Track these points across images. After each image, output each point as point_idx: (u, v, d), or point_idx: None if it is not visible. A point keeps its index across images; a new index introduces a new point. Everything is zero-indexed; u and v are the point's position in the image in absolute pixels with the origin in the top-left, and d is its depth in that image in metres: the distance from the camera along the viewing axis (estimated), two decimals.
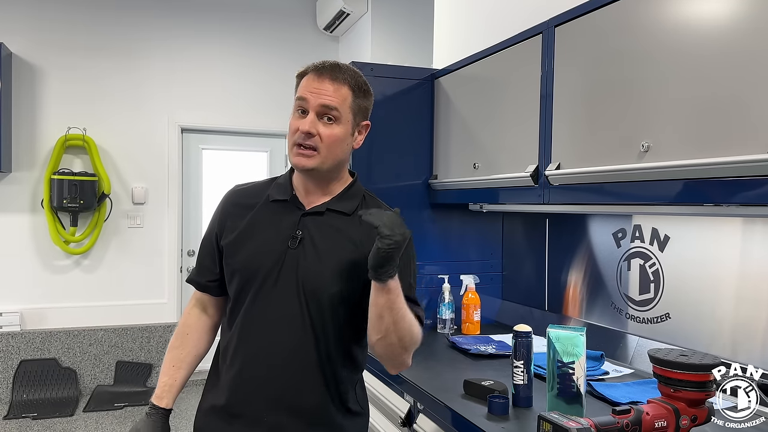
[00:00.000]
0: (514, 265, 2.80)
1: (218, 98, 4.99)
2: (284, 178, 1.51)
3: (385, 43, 4.58)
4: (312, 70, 1.39)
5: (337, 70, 1.38)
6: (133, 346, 4.72)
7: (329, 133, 1.35)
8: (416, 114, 2.69)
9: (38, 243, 4.54)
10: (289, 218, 1.42)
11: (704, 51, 1.42)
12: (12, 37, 4.40)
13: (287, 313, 1.36)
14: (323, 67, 1.38)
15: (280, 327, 1.37)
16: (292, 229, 1.40)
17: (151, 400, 1.47)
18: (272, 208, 1.45)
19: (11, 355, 4.42)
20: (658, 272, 2.00)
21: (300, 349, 1.36)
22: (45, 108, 4.54)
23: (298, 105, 1.38)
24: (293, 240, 1.39)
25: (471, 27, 2.89)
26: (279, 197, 1.45)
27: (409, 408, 1.90)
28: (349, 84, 1.38)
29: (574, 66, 1.85)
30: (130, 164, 4.77)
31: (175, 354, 1.51)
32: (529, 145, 2.03)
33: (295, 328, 1.36)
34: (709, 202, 1.48)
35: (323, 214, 1.42)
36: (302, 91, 1.37)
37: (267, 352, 1.37)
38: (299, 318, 1.36)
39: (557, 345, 1.49)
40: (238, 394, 1.39)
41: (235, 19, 5.03)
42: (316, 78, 1.36)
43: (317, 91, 1.35)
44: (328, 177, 1.43)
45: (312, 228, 1.40)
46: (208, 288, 1.52)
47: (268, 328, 1.37)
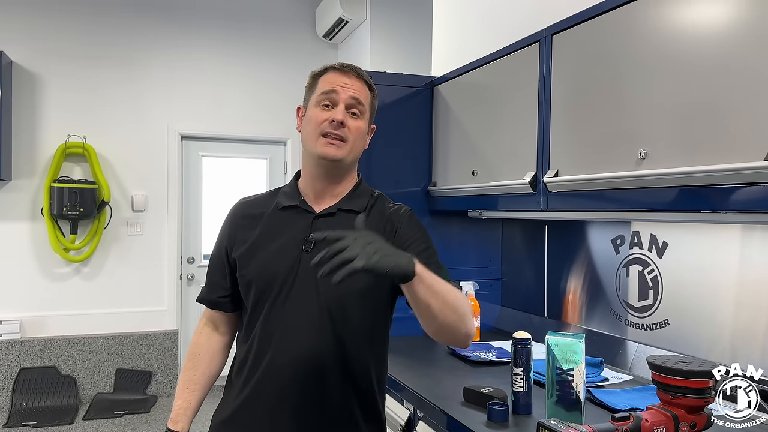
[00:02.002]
0: (513, 272, 2.80)
1: (218, 106, 5.00)
2: (290, 186, 1.51)
3: (383, 50, 4.59)
4: (335, 68, 1.43)
5: (358, 70, 1.44)
6: (132, 353, 4.71)
7: (357, 125, 1.40)
8: (415, 121, 2.70)
9: (38, 251, 4.54)
10: (301, 223, 1.42)
11: (700, 59, 1.43)
12: (12, 46, 4.41)
13: (307, 318, 1.35)
14: (346, 65, 1.43)
15: (301, 332, 1.35)
16: (305, 233, 1.39)
17: (166, 425, 1.46)
18: (281, 215, 1.45)
19: (11, 363, 4.41)
20: (657, 279, 2.01)
21: (322, 353, 1.34)
22: (45, 116, 4.56)
23: (324, 98, 1.39)
24: (307, 244, 1.38)
25: (469, 35, 2.91)
26: (288, 203, 1.45)
27: (409, 415, 1.90)
28: (369, 84, 1.45)
29: (572, 74, 1.86)
30: (130, 172, 4.77)
31: (188, 376, 1.49)
32: (527, 152, 2.04)
33: (316, 332, 1.34)
34: (707, 209, 1.49)
35: (335, 215, 1.42)
36: (331, 85, 1.40)
37: (288, 359, 1.35)
38: (319, 321, 1.34)
39: (556, 352, 1.49)
40: (259, 405, 1.37)
41: (235, 27, 5.05)
42: (341, 74, 1.41)
43: (347, 85, 1.40)
44: (344, 173, 1.45)
45: (325, 230, 1.36)
46: (220, 304, 1.50)
47: (289, 334, 1.35)
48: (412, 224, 1.45)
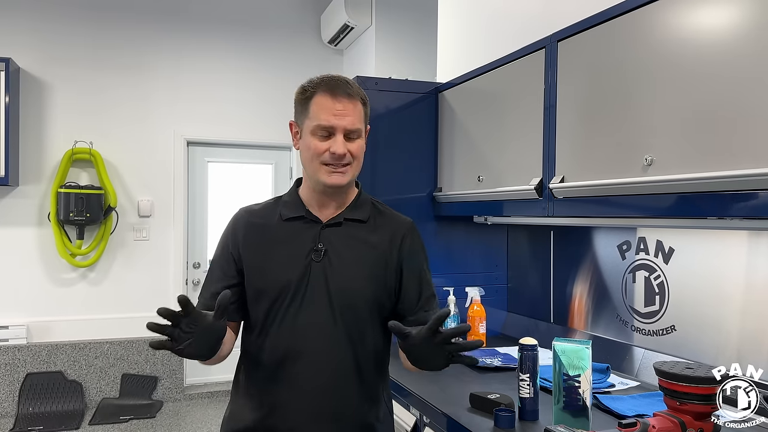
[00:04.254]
0: (519, 278, 2.80)
1: (223, 111, 5.02)
2: (290, 196, 1.51)
3: (388, 56, 4.60)
4: (323, 90, 1.38)
5: (347, 86, 1.39)
6: (138, 358, 4.72)
7: (357, 147, 1.40)
8: (420, 127, 2.71)
9: (45, 256, 4.56)
10: (308, 233, 1.43)
11: (707, 66, 1.43)
12: (20, 53, 4.45)
13: (321, 327, 1.38)
14: (336, 86, 1.38)
15: (316, 340, 1.38)
16: (313, 242, 1.42)
17: None
18: (286, 226, 1.46)
19: (17, 368, 4.42)
20: (663, 284, 2.01)
21: (339, 356, 1.39)
22: (52, 122, 4.58)
23: (321, 128, 1.37)
24: (317, 253, 1.41)
25: (474, 41, 2.92)
26: (292, 215, 1.46)
27: (415, 421, 1.90)
28: (360, 97, 1.41)
29: (577, 80, 1.87)
30: (136, 177, 4.79)
31: None
32: (533, 158, 2.04)
33: (329, 338, 1.38)
34: (714, 215, 1.49)
35: (341, 224, 1.45)
36: (325, 116, 1.36)
37: (308, 364, 1.38)
38: (332, 328, 1.38)
39: (563, 358, 1.49)
40: (278, 411, 1.39)
41: (240, 33, 5.07)
42: (331, 98, 1.37)
43: (341, 113, 1.36)
44: (348, 187, 1.46)
45: (333, 239, 1.43)
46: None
47: (308, 339, 1.38)
48: (418, 243, 1.53)
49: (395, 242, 1.47)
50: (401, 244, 1.48)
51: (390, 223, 1.50)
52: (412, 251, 1.49)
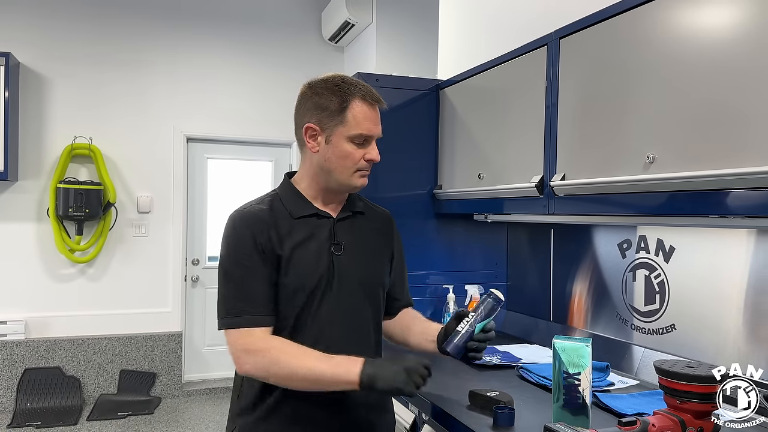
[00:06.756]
0: (518, 276, 2.80)
1: (223, 108, 5.01)
2: (288, 195, 1.50)
3: (389, 53, 4.60)
4: (361, 98, 1.42)
5: (380, 97, 1.47)
6: (137, 354, 4.72)
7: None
8: (421, 124, 2.70)
9: (43, 251, 4.56)
10: (323, 229, 1.48)
11: (709, 63, 1.42)
12: (19, 48, 4.44)
13: (354, 316, 1.48)
14: (370, 94, 1.45)
15: (352, 330, 1.47)
16: (330, 237, 1.48)
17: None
18: (301, 224, 1.46)
19: (15, 364, 4.42)
20: (664, 283, 2.00)
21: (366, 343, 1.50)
22: (51, 117, 4.58)
23: (361, 137, 1.42)
24: (336, 246, 1.47)
25: (476, 38, 2.91)
26: (304, 213, 1.47)
27: (414, 419, 1.90)
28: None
29: (579, 77, 1.86)
30: (136, 173, 4.79)
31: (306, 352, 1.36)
32: (534, 156, 2.03)
33: (361, 328, 1.50)
34: (715, 213, 1.48)
35: (348, 218, 1.53)
36: (367, 125, 1.43)
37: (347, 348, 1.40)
38: (361, 317, 1.49)
39: (563, 356, 1.49)
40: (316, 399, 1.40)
41: (241, 29, 5.06)
42: (369, 107, 1.44)
43: (376, 121, 1.46)
44: None
45: (346, 232, 1.50)
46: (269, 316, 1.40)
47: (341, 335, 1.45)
48: (398, 234, 1.68)
49: (387, 230, 1.63)
50: (392, 231, 1.64)
51: (378, 214, 1.64)
52: (398, 238, 1.67)
